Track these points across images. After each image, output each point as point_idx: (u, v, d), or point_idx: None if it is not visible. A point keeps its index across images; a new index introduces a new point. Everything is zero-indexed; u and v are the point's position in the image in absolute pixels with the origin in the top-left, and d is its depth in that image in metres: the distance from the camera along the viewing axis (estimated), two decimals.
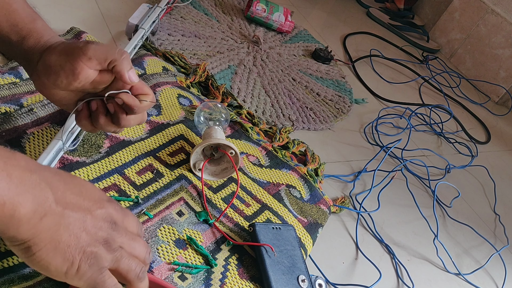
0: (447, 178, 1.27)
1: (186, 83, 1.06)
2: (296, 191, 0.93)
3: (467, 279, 1.00)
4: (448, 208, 1.17)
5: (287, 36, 1.57)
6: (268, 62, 1.37)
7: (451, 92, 1.76)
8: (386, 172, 1.15)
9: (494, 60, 1.90)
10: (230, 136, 0.98)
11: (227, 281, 0.71)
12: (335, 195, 1.02)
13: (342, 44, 1.71)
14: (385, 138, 1.29)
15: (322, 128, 1.21)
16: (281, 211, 0.87)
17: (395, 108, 1.46)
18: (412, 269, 0.95)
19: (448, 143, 1.43)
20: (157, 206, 0.76)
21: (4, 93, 0.80)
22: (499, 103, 1.88)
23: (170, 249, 0.71)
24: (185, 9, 1.41)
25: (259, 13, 1.51)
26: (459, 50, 2.00)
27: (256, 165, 0.94)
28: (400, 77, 1.69)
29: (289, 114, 1.19)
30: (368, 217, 1.02)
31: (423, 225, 1.07)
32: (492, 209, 1.26)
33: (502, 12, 1.87)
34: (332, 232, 0.94)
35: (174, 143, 0.88)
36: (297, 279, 0.74)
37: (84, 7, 1.20)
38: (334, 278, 0.84)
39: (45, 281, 0.60)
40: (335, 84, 1.43)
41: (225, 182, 0.86)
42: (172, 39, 1.24)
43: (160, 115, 0.93)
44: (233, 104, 1.08)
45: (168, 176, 0.82)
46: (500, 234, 1.18)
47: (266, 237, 0.77)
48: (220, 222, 0.79)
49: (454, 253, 1.05)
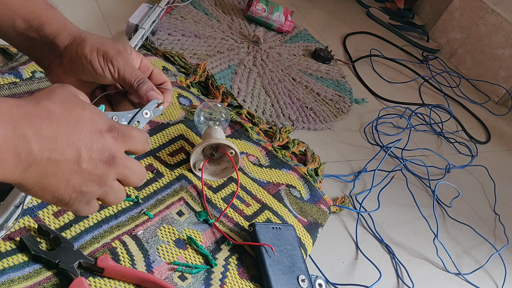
0: (447, 178, 1.27)
1: (186, 83, 1.06)
2: (296, 191, 0.93)
3: (467, 279, 1.00)
4: (448, 208, 1.17)
5: (287, 36, 1.57)
6: (268, 62, 1.37)
7: (451, 92, 1.76)
8: (386, 172, 1.15)
9: (494, 60, 1.90)
10: (230, 136, 0.98)
11: (227, 281, 0.71)
12: (335, 195, 1.02)
13: (342, 44, 1.71)
14: (385, 138, 1.29)
15: (322, 128, 1.21)
16: (281, 211, 0.87)
17: (395, 108, 1.46)
18: (412, 269, 0.95)
19: (448, 143, 1.43)
20: (157, 206, 0.76)
21: (4, 93, 0.80)
22: (499, 103, 1.88)
23: (170, 249, 0.71)
24: (185, 9, 1.41)
25: (259, 13, 1.51)
26: (459, 50, 2.00)
27: (256, 165, 0.94)
28: (400, 77, 1.69)
29: (289, 114, 1.19)
30: (368, 217, 1.02)
31: (423, 225, 1.07)
32: (492, 209, 1.26)
33: (502, 12, 1.87)
34: (332, 232, 0.94)
35: (174, 143, 0.88)
36: (297, 279, 0.74)
37: (84, 7, 1.20)
38: (334, 278, 0.84)
39: (45, 281, 0.60)
40: (335, 84, 1.43)
41: (225, 182, 0.86)
42: (172, 39, 1.24)
43: (160, 115, 0.93)
44: (233, 104, 1.08)
45: (168, 176, 0.82)
46: (500, 234, 1.18)
47: (266, 237, 0.77)
48: (220, 222, 0.79)
49: (454, 253, 1.05)
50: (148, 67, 0.63)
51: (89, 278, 0.62)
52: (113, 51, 0.58)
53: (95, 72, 0.58)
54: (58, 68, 0.59)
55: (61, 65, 0.59)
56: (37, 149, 0.42)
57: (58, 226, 0.66)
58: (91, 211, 0.50)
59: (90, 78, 0.59)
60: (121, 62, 0.58)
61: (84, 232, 0.67)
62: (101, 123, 0.46)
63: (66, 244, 0.63)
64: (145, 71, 0.62)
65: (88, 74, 0.59)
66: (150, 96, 0.59)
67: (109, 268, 0.63)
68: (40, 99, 0.44)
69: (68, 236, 0.66)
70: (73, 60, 0.58)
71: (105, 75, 0.58)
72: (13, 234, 0.62)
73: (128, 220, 0.72)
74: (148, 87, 0.59)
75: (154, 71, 0.63)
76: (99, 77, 0.59)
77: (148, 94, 0.59)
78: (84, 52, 0.58)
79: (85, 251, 0.65)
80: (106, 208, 0.72)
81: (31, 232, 0.64)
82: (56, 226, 0.66)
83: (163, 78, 0.63)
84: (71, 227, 0.67)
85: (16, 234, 0.63)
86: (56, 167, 0.43)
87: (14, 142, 0.40)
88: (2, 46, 0.92)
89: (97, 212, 0.70)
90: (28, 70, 0.87)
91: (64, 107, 0.44)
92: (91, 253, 0.65)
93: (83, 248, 0.65)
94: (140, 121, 0.57)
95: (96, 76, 0.59)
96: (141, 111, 0.58)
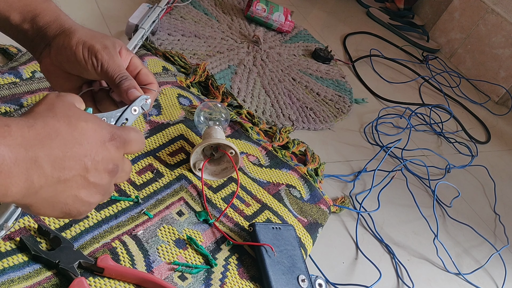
0: (447, 178, 1.27)
1: (186, 83, 1.06)
2: (296, 191, 0.93)
3: (467, 279, 1.00)
4: (448, 208, 1.17)
5: (287, 36, 1.57)
6: (268, 62, 1.37)
7: (451, 92, 1.76)
8: (386, 172, 1.15)
9: (494, 60, 1.90)
10: (230, 136, 0.98)
11: (227, 281, 0.71)
12: (335, 195, 1.02)
13: (342, 44, 1.71)
14: (385, 138, 1.29)
15: (322, 128, 1.21)
16: (281, 211, 0.87)
17: (395, 108, 1.46)
18: (412, 269, 0.95)
19: (448, 143, 1.43)
20: (157, 206, 0.76)
21: (4, 93, 0.80)
22: (499, 103, 1.88)
23: (170, 249, 0.71)
24: (185, 9, 1.41)
25: (259, 13, 1.51)
26: (459, 50, 2.00)
27: (256, 165, 0.94)
28: (400, 77, 1.69)
29: (289, 114, 1.19)
30: (368, 217, 1.02)
31: (423, 225, 1.07)
32: (492, 209, 1.26)
33: (502, 12, 1.87)
34: (332, 232, 0.94)
35: (174, 143, 0.88)
36: (297, 279, 0.74)
37: (84, 7, 1.20)
38: (334, 278, 0.84)
39: (45, 281, 0.60)
40: (335, 84, 1.43)
41: (225, 182, 0.86)
42: (172, 39, 1.24)
43: (160, 115, 0.93)
44: (233, 104, 1.08)
45: (168, 176, 0.82)
46: (500, 234, 1.18)
47: (266, 237, 0.77)
48: (220, 222, 0.79)
49: (454, 253, 1.05)
50: (137, 66, 0.62)
51: (89, 278, 0.62)
52: (100, 46, 0.58)
53: (78, 64, 0.58)
54: (47, 59, 0.59)
55: (49, 56, 0.59)
56: (48, 171, 0.42)
57: (58, 226, 0.66)
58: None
59: (74, 70, 0.59)
60: (105, 57, 0.58)
61: (84, 232, 0.67)
62: (104, 133, 0.47)
63: (66, 244, 0.63)
64: (133, 70, 0.61)
65: (72, 66, 0.58)
66: (131, 94, 0.58)
67: (109, 268, 0.63)
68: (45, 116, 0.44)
69: (68, 236, 0.66)
70: (59, 51, 0.58)
71: (88, 68, 0.58)
72: (13, 234, 0.62)
73: (128, 220, 0.72)
74: (130, 84, 0.58)
75: (142, 71, 0.62)
76: (83, 70, 0.58)
77: (129, 92, 0.58)
78: (70, 43, 0.57)
79: (85, 251, 0.65)
80: (106, 208, 0.72)
81: (31, 232, 0.64)
82: (56, 226, 0.66)
83: (150, 79, 0.62)
84: (71, 227, 0.67)
85: (16, 234, 0.63)
86: (65, 185, 0.44)
87: (25, 165, 0.40)
88: (2, 46, 0.92)
89: (97, 212, 0.71)
90: (28, 70, 0.87)
91: (69, 123, 0.44)
92: (91, 253, 0.65)
93: (83, 248, 0.65)
94: (129, 118, 0.56)
95: (79, 68, 0.58)
96: (130, 108, 0.56)
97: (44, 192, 0.43)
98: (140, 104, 0.57)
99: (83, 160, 0.44)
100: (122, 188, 0.75)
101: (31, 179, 0.41)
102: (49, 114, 0.44)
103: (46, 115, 0.44)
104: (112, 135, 0.47)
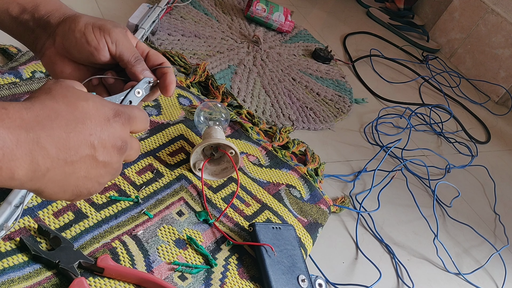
0: (447, 178, 1.27)
1: (186, 83, 1.06)
2: (296, 191, 0.93)
3: (467, 279, 1.00)
4: (448, 208, 1.17)
5: (287, 36, 1.57)
6: (268, 62, 1.37)
7: (451, 92, 1.76)
8: (386, 172, 1.15)
9: (494, 60, 1.90)
10: (230, 136, 0.98)
11: (227, 281, 0.71)
12: (335, 195, 1.02)
13: (342, 44, 1.71)
14: (385, 138, 1.29)
15: (322, 128, 1.21)
16: (281, 211, 0.87)
17: (395, 108, 1.46)
18: (412, 269, 0.95)
19: (448, 143, 1.43)
20: (157, 206, 0.76)
21: (4, 93, 0.80)
22: (499, 103, 1.88)
23: (170, 249, 0.71)
24: (185, 9, 1.41)
25: (259, 13, 1.51)
26: (459, 50, 2.00)
27: (256, 165, 0.94)
28: (400, 77, 1.69)
29: (289, 114, 1.19)
30: (368, 217, 1.02)
31: (423, 225, 1.07)
32: (492, 209, 1.26)
33: (502, 12, 1.87)
34: (332, 232, 0.94)
35: (174, 143, 0.88)
36: (297, 279, 0.74)
37: (84, 7, 1.20)
38: (334, 278, 0.84)
39: (45, 281, 0.60)
40: (335, 84, 1.43)
41: (225, 182, 0.86)
42: (172, 39, 1.24)
43: (160, 115, 0.93)
44: (233, 104, 1.08)
45: (168, 176, 0.82)
46: (500, 234, 1.18)
47: (266, 237, 0.77)
48: (220, 222, 0.79)
49: (454, 253, 1.05)
50: (144, 49, 0.61)
51: (89, 278, 0.62)
52: (111, 25, 0.56)
53: (88, 45, 0.55)
54: (51, 49, 0.57)
55: (54, 45, 0.57)
56: (53, 152, 0.41)
57: (58, 226, 0.66)
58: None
59: (83, 54, 0.57)
60: (120, 36, 0.56)
61: (84, 232, 0.67)
62: (106, 110, 0.45)
63: (66, 244, 0.63)
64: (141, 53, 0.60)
65: (81, 50, 0.56)
66: (145, 75, 0.57)
67: (109, 268, 0.63)
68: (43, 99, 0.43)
69: (68, 236, 0.66)
70: (66, 36, 0.56)
71: (100, 47, 0.56)
72: (13, 234, 0.62)
73: (128, 220, 0.72)
74: (144, 65, 0.58)
75: (150, 52, 0.61)
76: (94, 52, 0.56)
77: (144, 73, 0.57)
78: (78, 26, 0.55)
79: (85, 251, 0.65)
80: (106, 208, 0.72)
81: (31, 232, 0.64)
82: (56, 226, 0.66)
83: (160, 59, 0.61)
84: (71, 227, 0.67)
85: (16, 234, 0.63)
86: (73, 167, 0.43)
87: (28, 147, 0.39)
88: (2, 46, 0.92)
89: (97, 212, 0.71)
90: (28, 70, 0.87)
91: (68, 103, 0.43)
92: (91, 253, 0.65)
93: (83, 248, 0.65)
94: (133, 101, 0.56)
95: (90, 51, 0.56)
96: (133, 90, 0.56)
97: (53, 175, 0.42)
98: (143, 87, 0.57)
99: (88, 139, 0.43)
100: (122, 188, 0.76)
101: (36, 161, 0.40)
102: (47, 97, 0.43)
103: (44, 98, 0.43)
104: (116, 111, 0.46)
